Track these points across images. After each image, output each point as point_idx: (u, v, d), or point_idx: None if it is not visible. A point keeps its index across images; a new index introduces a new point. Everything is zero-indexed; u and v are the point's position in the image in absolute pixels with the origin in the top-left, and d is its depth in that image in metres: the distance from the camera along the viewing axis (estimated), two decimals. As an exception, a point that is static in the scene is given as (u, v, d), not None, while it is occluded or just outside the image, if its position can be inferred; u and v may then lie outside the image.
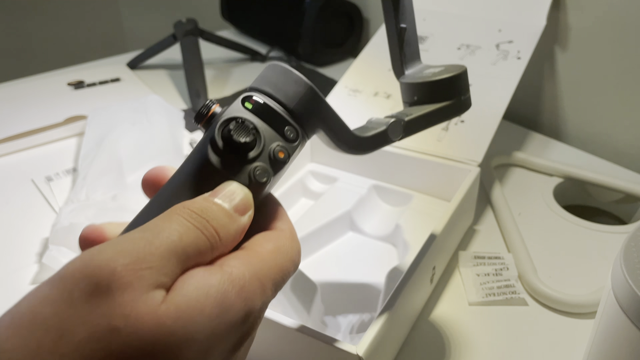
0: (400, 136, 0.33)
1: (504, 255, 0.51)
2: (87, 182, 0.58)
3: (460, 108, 0.36)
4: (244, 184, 0.26)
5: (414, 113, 0.34)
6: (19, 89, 0.88)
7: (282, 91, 0.28)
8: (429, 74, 0.36)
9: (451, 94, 0.35)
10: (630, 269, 0.29)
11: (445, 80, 0.35)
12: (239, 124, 0.26)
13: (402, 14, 0.38)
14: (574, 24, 0.68)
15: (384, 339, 0.37)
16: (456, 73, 0.35)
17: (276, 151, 0.27)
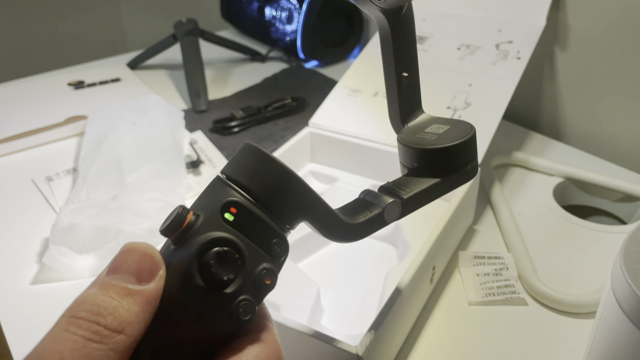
0: (397, 218, 0.30)
1: (504, 255, 0.51)
2: (87, 182, 0.58)
3: (466, 177, 0.32)
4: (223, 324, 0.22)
5: (412, 188, 0.30)
6: (19, 89, 0.88)
7: (256, 180, 0.24)
8: (432, 137, 0.32)
9: (457, 163, 0.31)
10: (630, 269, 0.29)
11: (451, 149, 0.31)
12: (220, 255, 0.22)
13: (404, 59, 0.34)
14: (574, 24, 0.68)
15: (384, 339, 0.37)
16: (464, 139, 0.30)
17: (263, 276, 0.23)
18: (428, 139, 0.32)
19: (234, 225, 0.23)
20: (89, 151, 0.64)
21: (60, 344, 0.18)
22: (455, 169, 0.31)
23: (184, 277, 0.22)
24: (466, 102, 0.59)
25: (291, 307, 0.42)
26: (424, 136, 0.32)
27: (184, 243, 0.22)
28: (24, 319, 0.47)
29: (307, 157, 0.62)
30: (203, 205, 0.24)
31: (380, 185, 0.32)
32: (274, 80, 0.92)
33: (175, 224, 0.22)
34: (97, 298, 0.19)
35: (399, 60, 0.34)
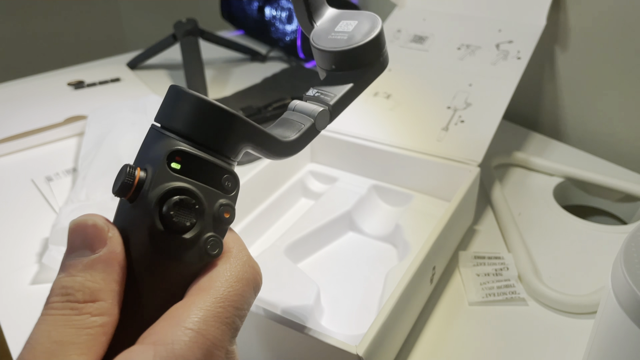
0: (327, 124, 0.32)
1: (504, 255, 0.51)
2: (87, 182, 0.58)
3: (380, 68, 0.34)
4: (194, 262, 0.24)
5: (336, 92, 0.32)
6: (19, 89, 0.88)
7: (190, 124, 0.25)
8: (343, 36, 0.33)
9: (371, 58, 0.33)
10: (630, 269, 0.29)
11: (365, 46, 0.32)
12: (178, 205, 0.23)
13: None
14: (574, 24, 0.68)
15: (384, 339, 0.37)
16: (375, 34, 0.32)
17: (221, 212, 0.25)
18: (340, 39, 0.33)
19: (183, 173, 0.24)
20: (88, 151, 0.64)
21: (45, 325, 0.20)
22: (371, 64, 0.33)
23: (149, 231, 0.23)
24: (466, 102, 0.59)
25: (291, 307, 0.42)
26: (336, 37, 0.34)
27: (139, 200, 0.24)
28: (24, 319, 0.47)
29: (307, 157, 0.62)
30: (147, 158, 0.25)
31: (305, 94, 0.33)
32: (274, 80, 0.92)
33: (126, 183, 0.23)
34: (62, 281, 0.21)
35: None
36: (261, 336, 0.38)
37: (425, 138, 0.57)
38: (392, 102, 0.62)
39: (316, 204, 0.55)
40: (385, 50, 0.34)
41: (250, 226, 0.53)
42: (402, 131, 0.58)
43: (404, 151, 0.56)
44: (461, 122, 0.58)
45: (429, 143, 0.56)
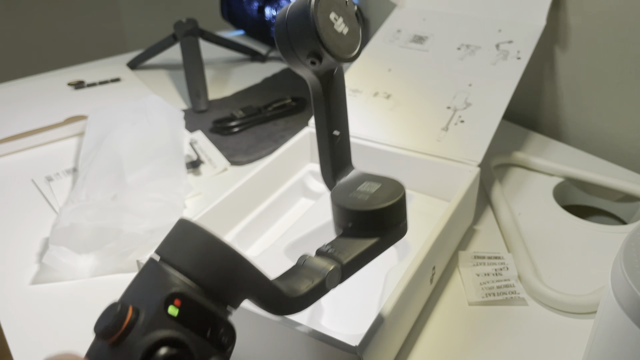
0: (337, 284, 0.30)
1: (504, 255, 0.51)
2: (87, 182, 0.58)
3: (398, 236, 0.33)
4: None
5: (350, 251, 0.31)
6: (19, 89, 0.88)
7: (203, 268, 0.23)
8: (364, 197, 0.32)
9: (391, 223, 0.32)
10: (630, 269, 0.29)
11: (385, 209, 0.31)
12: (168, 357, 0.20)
13: (336, 118, 0.35)
14: (574, 24, 0.68)
15: (384, 339, 0.37)
16: (396, 200, 0.31)
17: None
18: (361, 199, 0.32)
19: (179, 320, 0.21)
20: (89, 151, 0.65)
21: None
22: (389, 229, 0.32)
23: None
24: (466, 102, 0.59)
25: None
26: (357, 195, 0.33)
27: (125, 345, 0.20)
28: (24, 319, 0.47)
29: (307, 157, 0.62)
30: (142, 296, 0.22)
31: (317, 249, 0.32)
32: (274, 80, 0.92)
33: (113, 326, 0.20)
34: None
35: (331, 119, 0.34)
36: (261, 336, 0.38)
37: (425, 138, 0.57)
38: (392, 102, 0.62)
39: (316, 204, 0.55)
40: (405, 220, 0.33)
41: (250, 226, 0.53)
42: (402, 131, 0.58)
43: (404, 151, 0.56)
44: (461, 122, 0.58)
45: (428, 143, 0.57)
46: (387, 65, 0.66)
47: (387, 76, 0.65)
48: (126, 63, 0.97)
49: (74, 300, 0.49)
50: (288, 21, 0.30)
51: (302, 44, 0.30)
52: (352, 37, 0.32)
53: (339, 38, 0.31)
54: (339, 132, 0.35)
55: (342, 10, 0.32)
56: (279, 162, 0.57)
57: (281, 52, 0.31)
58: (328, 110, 0.34)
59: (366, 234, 0.32)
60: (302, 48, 0.30)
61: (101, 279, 0.51)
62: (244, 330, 0.39)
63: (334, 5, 0.31)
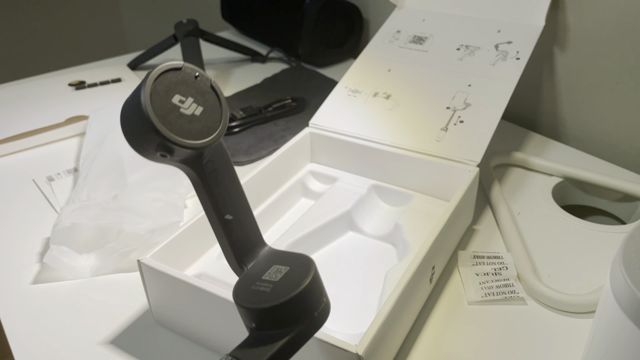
0: None
1: (503, 254, 0.51)
2: (88, 182, 0.58)
3: (315, 327, 0.28)
4: None
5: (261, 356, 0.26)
6: (20, 90, 0.88)
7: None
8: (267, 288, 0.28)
9: (299, 314, 0.27)
10: (629, 269, 0.30)
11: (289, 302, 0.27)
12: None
13: (224, 202, 0.31)
14: (573, 24, 0.68)
15: (384, 338, 0.37)
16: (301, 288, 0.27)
17: None
18: (263, 292, 0.28)
19: None
20: (89, 151, 0.65)
21: None
22: (302, 321, 0.27)
23: None
24: (466, 103, 0.59)
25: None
26: (260, 288, 0.29)
27: None
28: (25, 319, 0.47)
29: (307, 157, 0.62)
30: None
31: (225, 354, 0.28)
32: (274, 81, 0.92)
33: None
34: None
35: (218, 205, 0.31)
36: (261, 335, 0.38)
37: (425, 138, 0.57)
38: (391, 102, 0.62)
39: (316, 204, 0.55)
40: (323, 303, 0.28)
41: (251, 226, 0.53)
42: (402, 131, 0.59)
43: (403, 151, 0.57)
44: (460, 123, 0.58)
45: (428, 143, 0.57)
46: (387, 65, 0.67)
47: (386, 76, 0.65)
48: (127, 63, 0.97)
49: (74, 300, 0.49)
50: (127, 118, 0.27)
51: (145, 140, 0.27)
52: (209, 114, 0.28)
53: (190, 122, 0.27)
54: (231, 217, 0.31)
55: (190, 88, 0.28)
56: (279, 162, 0.57)
57: (133, 148, 0.28)
58: (212, 195, 0.30)
59: (274, 334, 0.27)
60: (147, 144, 0.27)
61: (102, 278, 0.51)
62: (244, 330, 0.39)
63: (179, 86, 0.28)
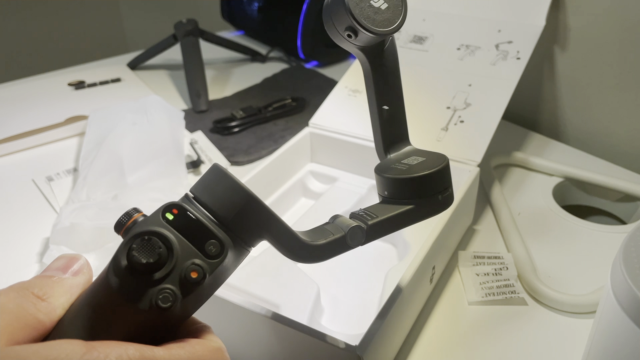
0: (362, 243, 0.31)
1: (504, 255, 0.51)
2: (87, 182, 0.58)
3: (437, 208, 0.33)
4: (144, 309, 0.23)
5: (379, 215, 0.31)
6: (19, 89, 0.88)
7: (217, 199, 0.26)
8: (404, 167, 0.33)
9: (424, 193, 0.32)
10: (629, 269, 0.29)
11: (416, 179, 0.32)
12: (144, 242, 0.24)
13: (385, 94, 0.35)
14: (573, 24, 0.68)
15: (384, 338, 0.37)
16: (429, 171, 0.32)
17: (188, 270, 0.24)
18: (399, 169, 0.33)
19: (172, 224, 0.25)
20: (89, 151, 0.65)
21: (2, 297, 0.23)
22: (423, 198, 0.32)
23: (114, 261, 0.24)
24: (466, 102, 0.59)
25: (291, 307, 0.42)
26: (397, 166, 0.34)
27: (127, 234, 0.25)
28: (25, 319, 0.47)
29: (307, 157, 0.62)
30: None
31: (351, 212, 0.33)
32: (274, 81, 0.92)
33: (121, 221, 0.25)
34: (27, 282, 0.25)
35: (380, 94, 0.35)
36: (261, 336, 0.38)
37: (425, 138, 0.57)
38: (392, 103, 0.62)
39: (316, 204, 0.55)
40: (447, 192, 0.33)
41: (251, 226, 0.53)
42: (402, 131, 0.59)
43: (403, 151, 0.57)
44: (461, 122, 0.58)
45: (428, 143, 0.57)
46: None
47: (387, 76, 0.65)
48: (126, 63, 0.97)
49: (74, 300, 0.49)
50: (329, 5, 0.33)
51: (338, 19, 0.32)
52: (392, 11, 0.32)
53: (376, 13, 0.32)
54: (388, 107, 0.35)
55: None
56: (279, 162, 0.57)
57: (326, 28, 0.33)
58: (377, 85, 0.35)
59: (400, 202, 0.32)
60: (339, 23, 0.32)
61: (102, 278, 0.51)
62: (244, 330, 0.39)
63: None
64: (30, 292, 0.24)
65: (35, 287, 0.24)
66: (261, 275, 0.45)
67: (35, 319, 0.23)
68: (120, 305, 0.23)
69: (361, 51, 0.34)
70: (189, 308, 0.25)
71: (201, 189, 0.27)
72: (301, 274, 0.45)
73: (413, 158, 0.35)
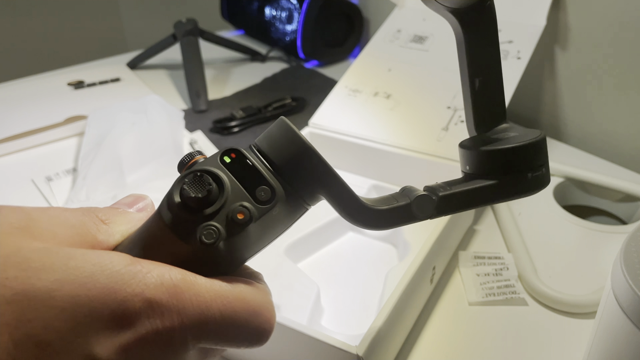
0: (430, 214, 0.29)
1: (504, 255, 0.51)
2: (87, 182, 0.58)
3: (525, 188, 0.30)
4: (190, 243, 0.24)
5: (454, 188, 0.28)
6: (19, 89, 0.88)
7: (277, 150, 0.26)
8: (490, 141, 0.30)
9: (511, 169, 0.29)
10: (630, 269, 0.29)
11: (500, 151, 0.29)
12: (196, 178, 0.24)
13: (478, 64, 0.32)
14: (574, 24, 0.68)
15: (384, 339, 0.37)
16: (517, 144, 0.28)
17: (235, 211, 0.24)
18: (483, 142, 0.30)
19: (228, 166, 0.25)
20: (88, 151, 0.65)
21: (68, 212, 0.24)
22: (509, 175, 0.29)
23: (167, 198, 0.25)
24: (466, 102, 0.59)
25: (291, 307, 0.42)
26: (483, 139, 0.31)
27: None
28: (24, 319, 0.47)
29: (307, 157, 0.62)
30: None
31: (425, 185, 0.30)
32: (274, 80, 0.92)
33: (183, 161, 0.26)
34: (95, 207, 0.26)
35: (473, 64, 0.32)
36: (261, 336, 0.38)
37: (425, 138, 0.57)
38: (392, 102, 0.62)
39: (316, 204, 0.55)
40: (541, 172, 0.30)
41: (250, 226, 0.53)
42: (402, 131, 0.58)
43: (404, 151, 0.56)
44: (461, 122, 0.58)
45: (429, 143, 0.56)
46: (387, 65, 0.66)
47: (387, 76, 0.65)
48: (126, 63, 0.97)
49: (73, 300, 0.48)
50: None
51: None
52: None
53: None
54: (481, 78, 0.32)
55: None
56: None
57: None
58: (469, 54, 0.32)
59: (482, 177, 0.29)
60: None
61: (101, 279, 0.51)
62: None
63: None
64: (95, 214, 0.25)
65: (100, 212, 0.25)
66: (261, 275, 0.45)
67: (94, 237, 0.24)
68: (169, 237, 0.24)
69: (452, 14, 0.30)
70: (236, 251, 0.25)
71: (264, 140, 0.27)
72: (301, 274, 0.45)
73: (504, 133, 0.31)
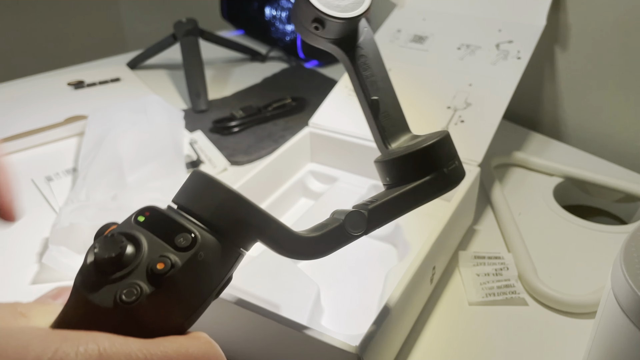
0: (364, 229, 0.29)
1: (504, 255, 0.51)
2: (87, 182, 0.58)
3: (445, 183, 0.30)
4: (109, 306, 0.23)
5: (380, 200, 0.29)
6: (19, 89, 0.88)
7: (197, 201, 0.26)
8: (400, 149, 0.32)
9: (428, 169, 0.30)
10: (630, 269, 0.29)
11: (411, 155, 0.30)
12: (107, 239, 0.23)
13: (371, 84, 0.33)
14: (574, 23, 0.68)
15: (384, 339, 0.37)
16: (426, 145, 0.30)
17: (154, 262, 0.23)
18: (396, 152, 0.31)
19: (143, 225, 0.25)
20: (88, 151, 0.64)
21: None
22: (428, 175, 0.30)
23: (82, 265, 0.24)
24: (466, 102, 0.59)
25: (291, 307, 0.42)
26: (395, 151, 0.32)
27: None
28: (24, 319, 0.47)
29: (307, 157, 0.62)
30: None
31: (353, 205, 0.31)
32: (274, 80, 0.92)
33: (99, 232, 0.25)
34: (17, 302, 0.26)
35: (365, 86, 0.33)
36: (261, 336, 0.38)
37: (425, 138, 0.57)
38: (392, 102, 0.62)
39: (316, 204, 0.55)
40: (453, 164, 0.30)
41: (250, 226, 0.53)
42: (402, 131, 0.58)
43: (404, 151, 0.56)
44: (461, 122, 0.58)
45: (429, 143, 0.56)
46: (387, 65, 0.66)
47: (387, 76, 0.65)
48: (126, 63, 0.97)
49: (73, 300, 0.49)
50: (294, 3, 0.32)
51: (304, 15, 0.31)
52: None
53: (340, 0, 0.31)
54: (377, 97, 0.33)
55: None
56: (279, 162, 0.57)
57: (295, 28, 0.33)
58: (360, 76, 0.33)
59: (401, 184, 0.30)
60: (305, 19, 0.31)
61: (101, 279, 0.51)
62: (244, 330, 0.39)
63: None
64: (15, 308, 0.25)
65: (20, 306, 0.25)
66: (261, 275, 0.45)
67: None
68: (91, 306, 0.23)
69: (336, 45, 0.32)
70: (170, 304, 0.24)
71: (181, 195, 0.27)
72: (301, 274, 0.45)
73: (411, 141, 0.33)
